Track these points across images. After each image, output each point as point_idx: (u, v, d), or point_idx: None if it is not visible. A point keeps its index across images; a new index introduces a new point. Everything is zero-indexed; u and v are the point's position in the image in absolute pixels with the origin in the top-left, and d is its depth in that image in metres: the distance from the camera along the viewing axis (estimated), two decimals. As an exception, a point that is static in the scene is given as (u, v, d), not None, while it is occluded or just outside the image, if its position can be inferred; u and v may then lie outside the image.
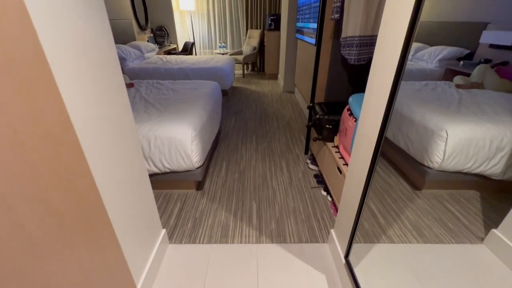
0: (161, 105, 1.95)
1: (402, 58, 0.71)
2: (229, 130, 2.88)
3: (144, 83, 2.59)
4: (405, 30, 0.69)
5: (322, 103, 1.91)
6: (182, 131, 1.58)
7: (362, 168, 0.98)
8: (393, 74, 0.75)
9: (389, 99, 0.78)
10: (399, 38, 0.72)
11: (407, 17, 0.68)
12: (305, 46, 3.19)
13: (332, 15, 1.60)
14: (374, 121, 0.88)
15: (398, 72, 0.73)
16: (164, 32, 5.21)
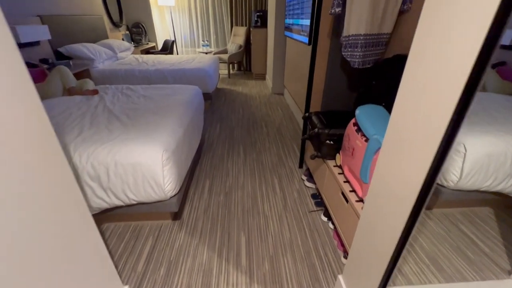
0: (128, 117, 1.62)
1: (481, 63, 0.44)
2: (214, 139, 2.57)
3: (112, 89, 2.23)
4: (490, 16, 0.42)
5: (320, 113, 1.64)
6: (150, 154, 1.26)
7: (393, 216, 0.71)
8: (459, 88, 0.48)
9: (449, 127, 0.51)
10: (476, 28, 0.45)
11: None
12: (296, 44, 2.92)
13: (331, 9, 1.32)
14: (417, 157, 0.61)
15: (471, 87, 0.46)
16: (141, 29, 4.79)
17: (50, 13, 2.89)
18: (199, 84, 3.12)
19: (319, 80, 1.75)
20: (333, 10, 1.32)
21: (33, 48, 2.56)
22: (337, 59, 1.63)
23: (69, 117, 1.60)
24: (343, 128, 1.45)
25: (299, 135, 2.68)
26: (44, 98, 2.00)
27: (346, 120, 1.54)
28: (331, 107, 1.79)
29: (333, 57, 1.63)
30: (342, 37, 1.41)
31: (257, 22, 4.52)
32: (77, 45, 3.00)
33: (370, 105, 1.23)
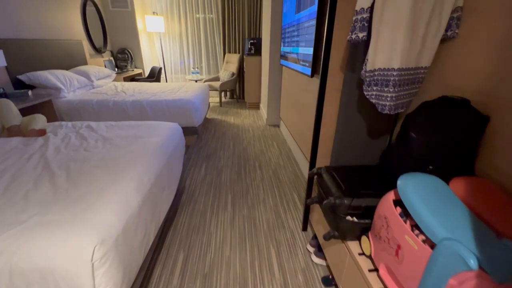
0: (68, 175, 1.15)
1: None
2: (196, 185, 2.10)
3: (67, 128, 1.78)
4: None
5: (332, 169, 1.20)
6: (72, 253, 0.78)
7: None
8: None
9: None
10: None
11: None
12: (293, 74, 2.58)
13: (351, 34, 0.95)
14: None
15: None
16: (127, 55, 4.48)
17: (16, 37, 2.52)
18: (183, 117, 2.71)
19: (329, 123, 1.35)
20: (355, 36, 0.94)
21: (-19, 76, 2.14)
22: (353, 97, 1.24)
23: (-19, 175, 1.13)
24: (370, 196, 1.01)
25: (299, 180, 2.23)
26: (-28, 140, 1.53)
27: (371, 181, 1.10)
28: (344, 159, 1.36)
29: (348, 95, 1.24)
30: (364, 72, 1.02)
31: (251, 49, 4.27)
32: (43, 72, 2.60)
33: (419, 176, 0.81)
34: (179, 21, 4.86)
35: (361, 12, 0.91)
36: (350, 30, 0.95)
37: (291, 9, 2.31)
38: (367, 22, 0.90)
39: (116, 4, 4.24)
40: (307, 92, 2.13)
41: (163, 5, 4.72)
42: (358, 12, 0.91)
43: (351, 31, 0.95)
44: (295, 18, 2.15)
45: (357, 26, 0.92)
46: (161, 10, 4.75)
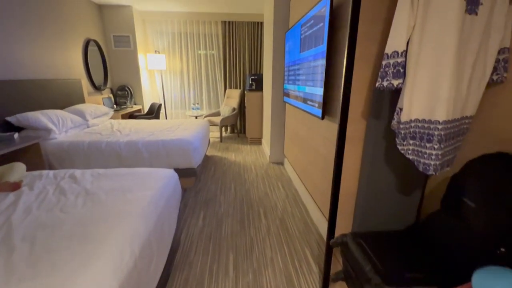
0: (28, 253, 0.91)
1: None
2: (193, 241, 1.82)
3: (46, 179, 1.57)
4: None
5: (361, 237, 0.97)
6: None
7: None
8: None
9: None
10: None
11: None
12: (299, 113, 2.45)
13: (381, 81, 0.79)
14: None
15: None
16: (127, 92, 4.45)
17: (10, 78, 2.43)
18: (181, 158, 2.52)
19: (350, 177, 1.14)
20: (387, 83, 0.78)
21: (-37, 119, 1.99)
22: (379, 147, 1.05)
23: None
24: (420, 283, 0.76)
25: (310, 230, 1.96)
26: None
27: (414, 258, 0.86)
28: (370, 220, 1.13)
29: (373, 146, 1.05)
30: (396, 122, 0.84)
31: (252, 85, 4.24)
32: (34, 113, 2.46)
33: (499, 272, 0.58)
34: (181, 58, 4.93)
35: (394, 56, 0.75)
36: (380, 76, 0.79)
37: (294, 47, 2.25)
38: (403, 67, 0.75)
39: (119, 44, 4.30)
40: (316, 133, 1.96)
41: (165, 44, 4.82)
42: (390, 55, 0.76)
43: (381, 77, 0.79)
44: (300, 57, 2.06)
45: (389, 72, 0.77)
46: (163, 48, 4.84)
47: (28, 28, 2.70)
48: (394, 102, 0.89)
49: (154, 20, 4.64)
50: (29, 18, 2.72)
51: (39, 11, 2.87)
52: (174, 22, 4.68)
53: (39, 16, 2.86)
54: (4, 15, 2.42)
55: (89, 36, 3.82)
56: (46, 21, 2.97)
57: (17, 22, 2.56)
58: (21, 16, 2.61)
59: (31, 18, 2.75)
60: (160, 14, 4.58)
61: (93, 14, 3.97)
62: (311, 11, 1.77)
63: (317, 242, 1.83)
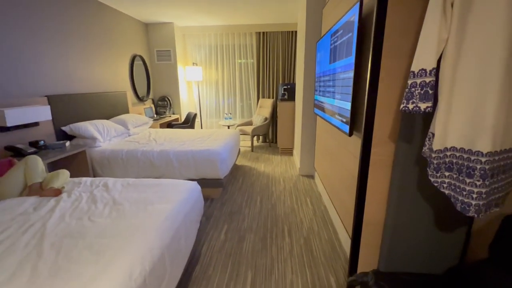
0: (52, 261, 0.99)
1: None
2: (213, 255, 1.81)
3: (84, 186, 1.72)
4: None
5: (386, 280, 0.84)
6: None
7: None
8: None
9: None
10: None
11: None
12: (328, 126, 2.32)
13: (407, 104, 0.67)
14: None
15: None
16: (167, 102, 4.75)
17: (65, 92, 2.77)
18: (208, 169, 2.57)
19: (376, 206, 1.01)
20: (413, 106, 0.66)
21: (27, 129, 2.30)
22: (410, 174, 0.91)
23: (-30, 252, 1.02)
24: None
25: (337, 255, 1.80)
26: (-4, 198, 1.52)
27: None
28: (400, 258, 0.97)
29: (402, 172, 0.91)
30: (428, 150, 0.71)
31: (284, 95, 4.19)
32: (84, 123, 2.76)
33: None
34: (216, 69, 5.11)
35: (421, 74, 0.64)
36: (405, 97, 0.68)
37: (324, 57, 2.14)
38: (432, 88, 0.63)
39: (161, 58, 4.64)
40: (344, 149, 1.82)
41: (202, 56, 5.06)
42: (417, 74, 0.65)
43: (407, 99, 0.68)
44: (330, 68, 1.95)
45: (415, 93, 0.65)
46: (200, 60, 5.08)
47: (84, 46, 3.06)
48: (428, 124, 0.76)
49: (192, 34, 4.91)
50: (86, 37, 3.08)
51: (96, 31, 3.24)
52: (211, 35, 4.89)
53: (95, 35, 3.23)
54: (65, 37, 2.78)
55: (136, 52, 4.19)
56: (100, 39, 3.34)
57: (76, 42, 2.92)
58: (80, 37, 2.97)
59: (88, 38, 3.11)
60: (198, 28, 4.84)
61: (141, 31, 4.35)
62: (341, 20, 1.66)
63: (344, 269, 1.67)
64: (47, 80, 2.56)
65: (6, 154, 2.06)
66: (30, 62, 2.38)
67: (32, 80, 2.40)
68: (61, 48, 2.73)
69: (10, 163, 1.74)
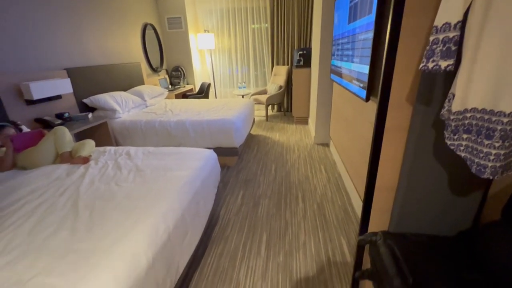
0: (91, 216, 1.11)
1: None
2: (230, 218, 1.93)
3: (109, 155, 1.83)
4: None
5: (394, 240, 0.87)
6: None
7: None
8: None
9: None
10: None
11: None
12: (345, 93, 2.24)
13: (427, 62, 0.63)
14: None
15: None
16: (181, 73, 4.72)
17: (83, 65, 2.83)
18: (224, 138, 2.62)
19: (389, 170, 1.01)
20: (433, 65, 0.62)
21: (51, 102, 2.42)
22: (426, 139, 0.89)
23: (17, 211, 1.17)
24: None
25: (350, 220, 1.86)
26: (32, 165, 1.68)
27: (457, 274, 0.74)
28: (411, 221, 1.00)
29: (418, 136, 0.89)
30: (446, 111, 0.69)
31: (300, 61, 4.01)
32: (103, 95, 2.85)
33: None
34: (229, 35, 4.93)
35: (445, 29, 0.59)
36: (425, 56, 0.64)
37: (343, 18, 1.99)
38: (456, 44, 0.58)
39: (172, 26, 4.51)
40: (360, 116, 1.78)
41: (214, 22, 4.86)
42: (440, 29, 0.60)
43: (427, 57, 0.64)
44: (348, 29, 1.83)
45: (436, 50, 0.61)
46: (212, 26, 4.89)
47: (95, 18, 3.03)
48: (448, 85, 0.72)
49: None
50: (97, 9, 3.04)
51: (105, 2, 3.17)
52: (222, -1, 4.64)
53: (105, 6, 3.17)
54: (77, 10, 2.75)
55: (147, 20, 4.10)
56: (111, 10, 3.28)
57: (87, 14, 2.90)
58: (90, 9, 2.94)
59: (99, 9, 3.07)
60: (208, -9, 4.59)
61: (149, -2, 4.20)
62: (362, -27, 1.51)
63: (356, 233, 1.73)
64: (63, 53, 2.61)
65: (36, 126, 2.21)
66: (46, 36, 2.41)
67: (50, 53, 2.45)
68: (74, 20, 2.73)
69: (41, 134, 1.87)
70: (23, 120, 2.12)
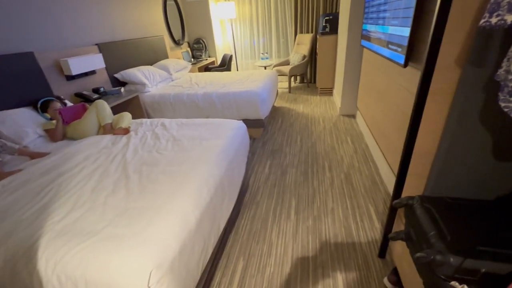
0: (140, 179, 1.23)
1: None
2: (259, 186, 2.03)
3: (145, 126, 1.94)
4: None
5: (431, 203, 0.90)
6: (131, 273, 0.80)
7: None
8: None
9: None
10: None
11: None
12: (378, 59, 2.13)
13: (489, 17, 0.60)
14: None
15: None
16: (202, 45, 4.68)
17: (112, 40, 2.90)
18: (250, 110, 2.65)
19: (428, 134, 1.00)
20: (497, 20, 0.59)
21: (87, 77, 2.55)
22: (473, 103, 0.86)
23: (78, 174, 1.32)
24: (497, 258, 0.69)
25: (378, 189, 1.89)
26: (79, 136, 1.84)
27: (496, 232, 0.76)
28: (448, 186, 1.00)
29: (465, 100, 0.87)
30: (504, 72, 0.66)
31: (325, 27, 3.80)
32: (132, 69, 2.94)
33: None
34: (250, 3, 4.72)
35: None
36: (488, 10, 0.60)
37: (380, -25, 1.83)
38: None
39: (192, -5, 4.39)
40: (396, 84, 1.71)
41: (235, -11, 4.65)
42: (508, -22, 0.56)
43: (490, 11, 0.60)
44: (385, -12, 1.69)
45: (503, 3, 0.57)
46: (233, -6, 4.69)
47: (119, -10, 3.02)
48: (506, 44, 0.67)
49: (222, -38, 4.43)
50: (119, -20, 3.01)
51: (125, -28, 3.13)
52: (243, -39, 4.37)
53: (126, -23, 3.14)
54: (101, -19, 2.75)
55: (166, -10, 4.00)
56: (131, -19, 3.24)
57: (111, -14, 2.89)
58: (113, -20, 2.92)
59: (120, -20, 3.04)
60: (228, -46, 4.33)
61: (168, -34, 4.06)
62: None
63: (384, 201, 1.77)
64: (94, 28, 2.67)
65: (76, 100, 2.37)
66: (79, 12, 2.47)
67: (83, 30, 2.53)
68: None
69: (84, 108, 2.01)
70: (65, 95, 2.28)
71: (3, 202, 1.13)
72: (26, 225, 0.98)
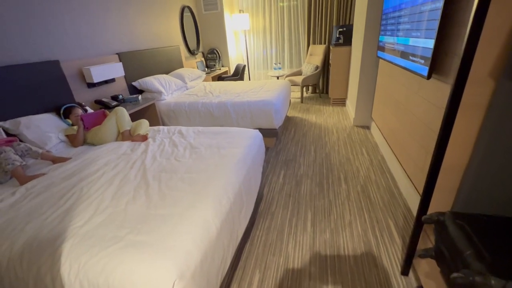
0: (159, 187, 1.23)
1: None
2: (274, 196, 2.01)
3: (163, 133, 1.97)
4: None
5: (465, 219, 0.86)
6: (155, 283, 0.79)
7: None
8: None
9: None
10: None
11: None
12: (396, 71, 2.11)
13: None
14: None
15: None
16: (216, 55, 4.77)
17: (131, 49, 2.99)
18: (264, 119, 2.65)
19: (458, 148, 0.97)
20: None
21: (107, 85, 2.62)
22: (509, 118, 0.83)
23: (98, 179, 1.33)
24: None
25: (397, 202, 1.83)
26: (99, 142, 1.88)
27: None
28: (480, 203, 0.96)
29: (501, 114, 0.84)
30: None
31: (339, 39, 3.82)
32: (149, 78, 3.01)
33: None
34: (263, 15, 4.82)
35: None
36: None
37: (399, -12, 1.84)
38: None
39: (208, 7, 4.52)
40: (417, 96, 1.68)
41: (249, 1, 4.76)
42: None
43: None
44: (406, 0, 1.69)
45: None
46: (247, 6, 4.81)
47: (141, 2, 3.14)
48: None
49: (238, -24, 4.57)
50: (140, -7, 3.14)
51: (146, -15, 3.26)
52: (258, -25, 4.49)
53: (147, -10, 3.27)
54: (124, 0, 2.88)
55: (184, 3, 4.14)
56: (152, -6, 3.37)
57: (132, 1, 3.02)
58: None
59: (141, -7, 3.17)
60: (244, -32, 4.46)
61: (186, -20, 4.21)
62: None
63: (404, 215, 1.71)
64: (115, 38, 2.77)
65: (96, 107, 2.43)
66: (100, 23, 2.57)
67: (104, 39, 2.63)
68: (123, 5, 2.86)
69: (104, 114, 2.06)
70: (85, 102, 2.34)
71: (28, 205, 1.15)
72: (50, 228, 0.99)
